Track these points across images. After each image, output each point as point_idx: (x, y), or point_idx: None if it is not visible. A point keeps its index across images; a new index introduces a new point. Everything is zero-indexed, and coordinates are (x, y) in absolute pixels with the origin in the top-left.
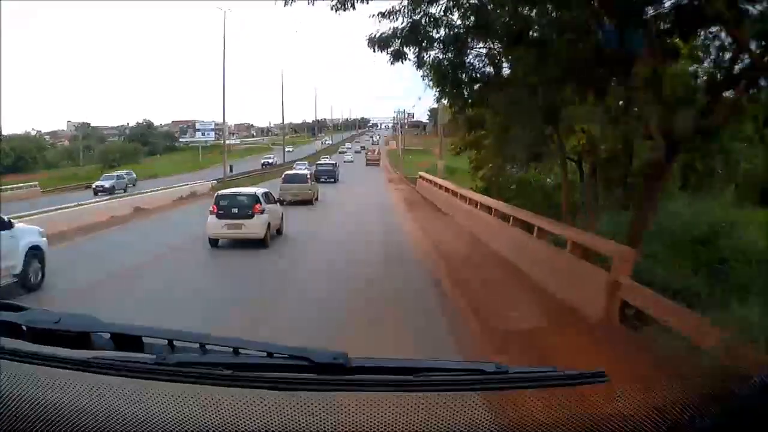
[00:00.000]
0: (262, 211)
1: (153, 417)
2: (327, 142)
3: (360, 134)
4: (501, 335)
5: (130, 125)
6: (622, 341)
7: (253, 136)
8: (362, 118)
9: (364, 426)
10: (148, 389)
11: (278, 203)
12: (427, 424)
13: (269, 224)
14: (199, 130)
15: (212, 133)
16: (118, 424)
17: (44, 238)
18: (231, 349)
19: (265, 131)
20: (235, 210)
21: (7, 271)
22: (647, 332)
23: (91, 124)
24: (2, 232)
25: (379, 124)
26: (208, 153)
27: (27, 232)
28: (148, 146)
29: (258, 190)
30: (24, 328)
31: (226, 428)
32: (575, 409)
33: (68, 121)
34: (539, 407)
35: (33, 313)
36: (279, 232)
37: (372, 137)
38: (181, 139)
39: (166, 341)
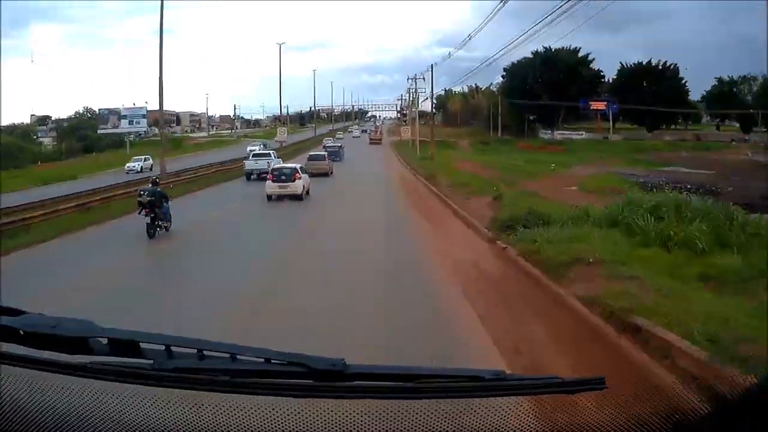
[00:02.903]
0: (300, 178)
1: (150, 422)
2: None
3: (355, 124)
4: None
5: (81, 114)
6: None
7: (236, 128)
8: (359, 109)
9: None
10: (145, 395)
11: (308, 174)
12: (426, 431)
13: (304, 186)
14: (125, 117)
15: (143, 121)
16: (115, 429)
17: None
18: (228, 355)
19: (252, 123)
20: (284, 177)
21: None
22: None
23: (52, 117)
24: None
25: (378, 116)
26: (151, 147)
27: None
28: (86, 141)
29: (297, 165)
30: (22, 332)
31: None
32: (574, 416)
33: (31, 114)
34: (538, 414)
35: (31, 317)
36: (308, 192)
37: (375, 122)
38: (99, 130)
39: (164, 347)
